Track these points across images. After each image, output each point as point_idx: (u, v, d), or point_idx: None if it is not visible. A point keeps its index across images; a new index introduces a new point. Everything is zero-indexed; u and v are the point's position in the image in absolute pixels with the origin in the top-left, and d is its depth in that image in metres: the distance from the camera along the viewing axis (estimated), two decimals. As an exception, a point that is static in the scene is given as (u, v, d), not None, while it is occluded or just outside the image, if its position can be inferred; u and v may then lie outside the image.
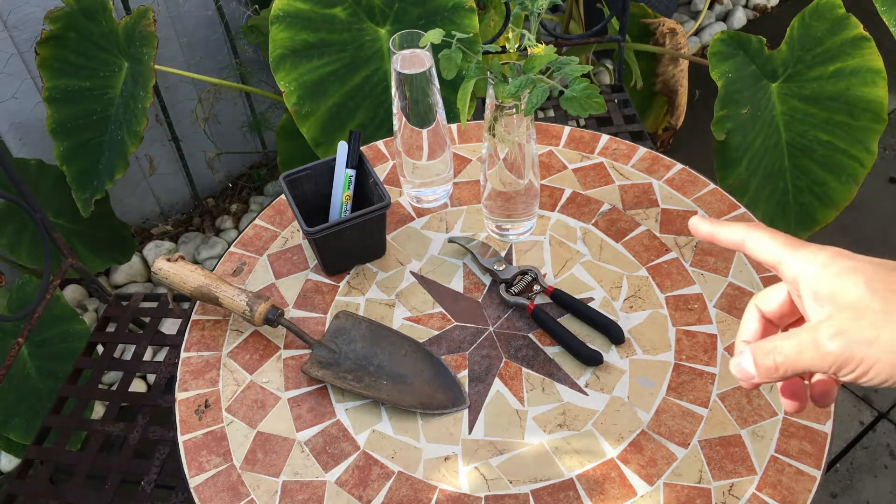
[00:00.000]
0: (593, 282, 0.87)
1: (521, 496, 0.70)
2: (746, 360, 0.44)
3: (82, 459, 1.06)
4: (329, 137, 1.34)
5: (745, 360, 0.44)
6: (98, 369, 1.18)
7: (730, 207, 0.93)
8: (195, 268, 0.86)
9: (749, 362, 0.44)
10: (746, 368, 0.44)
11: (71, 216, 1.61)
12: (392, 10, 1.34)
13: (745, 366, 0.44)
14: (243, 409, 0.79)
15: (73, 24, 1.47)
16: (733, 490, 0.69)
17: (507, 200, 0.87)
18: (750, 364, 0.44)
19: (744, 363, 0.44)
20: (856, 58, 1.37)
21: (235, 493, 0.72)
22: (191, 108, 1.87)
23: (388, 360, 0.81)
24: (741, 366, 0.44)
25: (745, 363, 0.44)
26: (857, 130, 1.39)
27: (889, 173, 2.06)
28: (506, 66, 0.77)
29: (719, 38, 1.44)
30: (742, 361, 0.44)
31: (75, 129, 1.49)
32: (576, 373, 0.79)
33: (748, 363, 0.44)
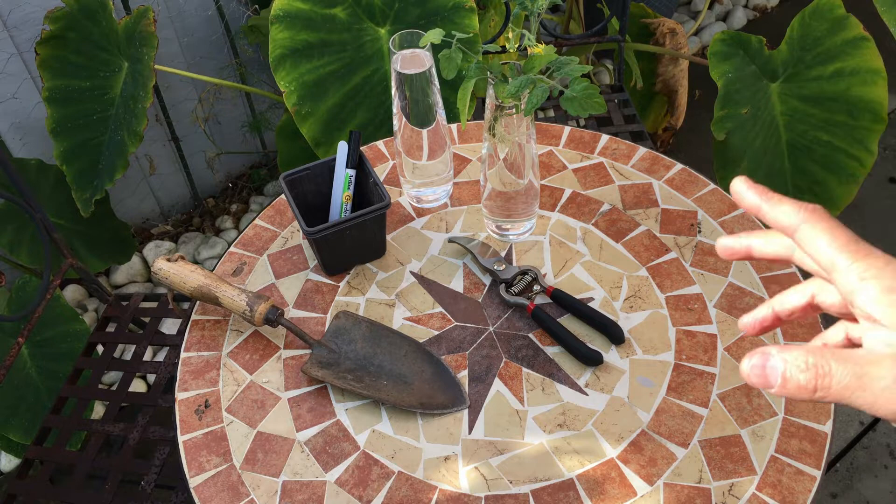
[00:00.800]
0: (593, 282, 0.87)
1: (521, 496, 0.70)
2: (775, 365, 0.36)
3: (82, 459, 1.06)
4: (329, 137, 1.34)
5: (774, 363, 0.36)
6: (98, 369, 1.18)
7: (730, 207, 0.93)
8: (195, 268, 0.86)
9: (776, 371, 0.36)
10: (770, 377, 0.36)
11: (71, 216, 1.61)
12: (392, 10, 1.34)
13: (769, 373, 0.36)
14: (243, 409, 0.79)
15: (73, 24, 1.47)
16: (733, 490, 0.69)
17: (507, 200, 0.87)
18: (777, 374, 0.36)
19: (771, 368, 0.36)
20: (856, 58, 1.37)
21: (235, 493, 0.72)
22: (191, 108, 1.87)
23: (388, 360, 0.81)
24: (765, 370, 0.36)
25: (773, 370, 0.36)
26: (857, 130, 1.39)
27: (889, 173, 2.06)
28: (506, 66, 0.77)
29: (719, 38, 1.44)
30: (769, 364, 0.36)
31: (75, 129, 1.49)
32: (576, 373, 0.79)
33: (775, 372, 0.36)
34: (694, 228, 0.92)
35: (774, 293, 0.84)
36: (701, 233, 0.91)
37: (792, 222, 0.40)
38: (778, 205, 0.41)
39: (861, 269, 0.36)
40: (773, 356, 0.36)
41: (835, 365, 0.35)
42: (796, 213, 0.39)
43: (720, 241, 0.45)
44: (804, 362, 0.35)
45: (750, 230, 0.43)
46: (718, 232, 0.91)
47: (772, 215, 0.41)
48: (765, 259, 0.43)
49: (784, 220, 0.40)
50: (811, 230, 0.39)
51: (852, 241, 0.37)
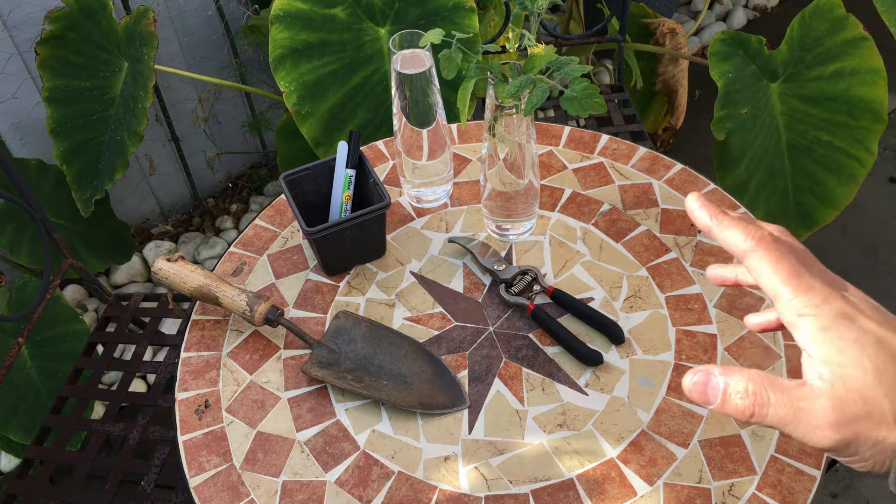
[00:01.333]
0: (593, 282, 0.87)
1: (521, 496, 0.70)
2: (716, 385, 0.38)
3: (82, 459, 1.06)
4: (329, 137, 1.34)
5: (715, 382, 0.38)
6: (98, 369, 1.18)
7: (730, 207, 0.93)
8: (195, 268, 0.86)
9: (717, 390, 0.38)
10: (710, 395, 0.39)
11: (71, 216, 1.61)
12: (392, 10, 1.34)
13: (710, 391, 0.39)
14: (243, 409, 0.79)
15: (73, 24, 1.47)
16: (733, 490, 0.69)
17: (507, 200, 0.87)
18: (717, 392, 0.38)
19: (712, 387, 0.39)
20: (856, 58, 1.37)
21: (235, 493, 0.72)
22: (191, 108, 1.87)
23: (388, 360, 0.81)
24: (707, 388, 0.39)
25: (713, 389, 0.38)
26: (857, 130, 1.39)
27: (889, 173, 2.06)
28: (506, 66, 0.77)
29: (719, 38, 1.44)
30: (711, 383, 0.39)
31: (75, 129, 1.49)
32: (576, 373, 0.79)
33: (715, 391, 0.38)
34: (694, 228, 0.92)
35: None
36: (701, 233, 0.91)
37: (740, 248, 0.41)
38: (727, 228, 0.41)
39: (800, 304, 0.38)
40: (715, 376, 0.38)
41: (773, 396, 0.37)
42: (744, 239, 0.40)
43: (710, 269, 0.46)
44: (745, 388, 0.37)
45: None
46: (718, 232, 0.91)
47: (721, 237, 0.42)
48: (751, 287, 0.44)
49: (732, 245, 0.41)
50: (758, 259, 0.40)
51: (794, 273, 0.38)
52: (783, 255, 0.39)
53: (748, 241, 0.40)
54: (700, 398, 0.39)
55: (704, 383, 0.39)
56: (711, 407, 0.39)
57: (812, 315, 0.38)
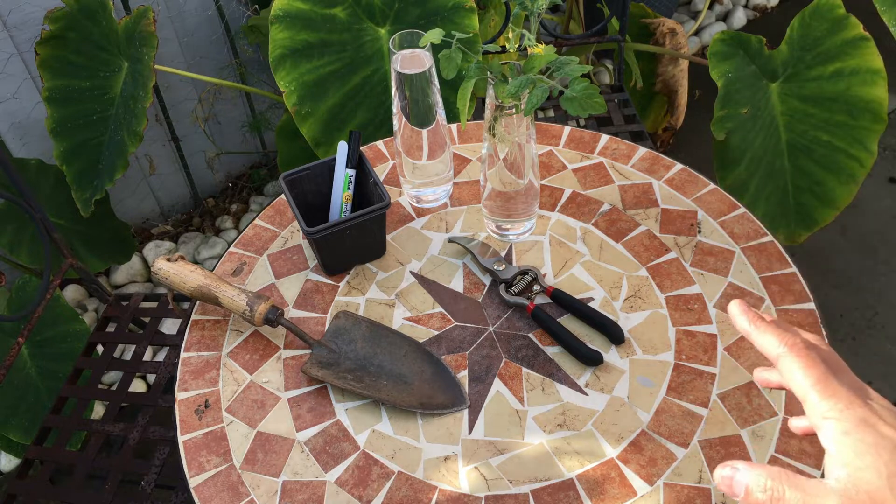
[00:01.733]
0: (593, 282, 0.87)
1: (521, 496, 0.70)
2: (740, 480, 0.42)
3: (82, 459, 1.06)
4: (329, 137, 1.34)
5: (739, 477, 0.42)
6: (98, 369, 1.18)
7: (730, 207, 0.93)
8: (195, 268, 0.86)
9: (741, 485, 0.42)
10: (735, 488, 0.42)
11: (71, 216, 1.61)
12: (392, 10, 1.34)
13: (735, 485, 0.42)
14: (243, 409, 0.79)
15: (73, 24, 1.47)
16: (733, 490, 0.69)
17: (507, 200, 0.87)
18: (741, 486, 0.42)
19: (737, 482, 0.42)
20: (856, 58, 1.37)
21: (235, 493, 0.72)
22: (191, 108, 1.87)
23: (388, 360, 0.81)
24: (732, 482, 0.43)
25: (738, 483, 0.42)
26: (856, 130, 1.39)
27: (889, 173, 2.06)
28: (506, 66, 0.77)
29: (719, 38, 1.44)
30: (735, 478, 0.42)
31: (75, 129, 1.49)
32: (576, 373, 0.79)
33: (739, 486, 0.42)
34: (694, 228, 0.92)
35: (774, 293, 0.84)
36: (701, 233, 0.91)
37: (773, 353, 0.45)
38: (763, 334, 0.46)
39: (825, 408, 0.42)
40: (740, 471, 0.42)
41: (788, 492, 0.41)
42: (777, 345, 0.45)
43: (757, 372, 0.51)
44: (763, 484, 0.41)
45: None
46: (718, 232, 0.91)
47: (758, 342, 0.47)
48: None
49: (768, 348, 0.46)
50: (790, 363, 0.44)
51: (822, 379, 0.43)
52: (813, 361, 0.43)
53: (782, 347, 0.45)
54: (727, 490, 0.43)
55: (730, 478, 0.43)
56: (737, 499, 0.43)
57: (835, 419, 0.41)
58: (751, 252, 0.88)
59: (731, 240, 0.90)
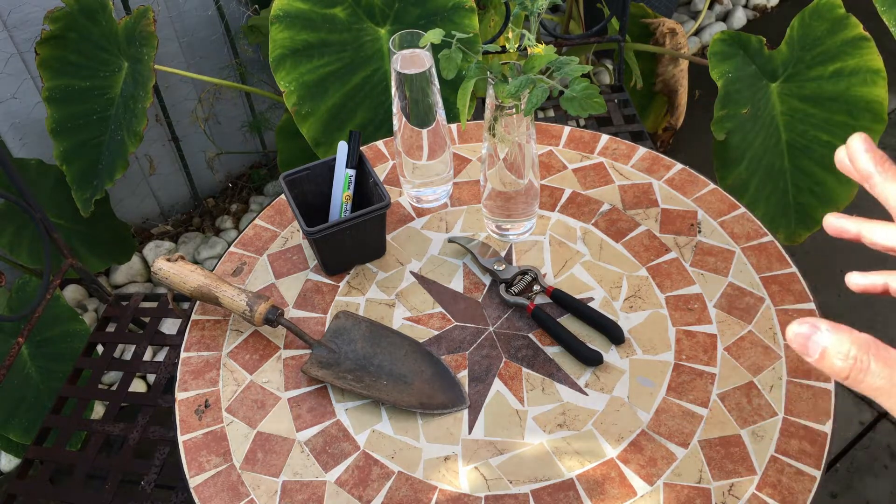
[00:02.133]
0: (593, 282, 0.87)
1: (521, 496, 0.70)
2: (818, 340, 0.35)
3: (82, 459, 1.06)
4: (329, 137, 1.34)
5: (819, 337, 0.35)
6: (98, 369, 1.18)
7: (730, 207, 0.93)
8: (195, 268, 0.86)
9: (818, 345, 0.35)
10: (811, 348, 0.35)
11: (71, 216, 1.61)
12: (392, 10, 1.34)
13: (811, 345, 0.35)
14: (243, 409, 0.79)
15: (73, 24, 1.47)
16: (733, 490, 0.69)
17: (507, 200, 0.87)
18: (818, 347, 0.35)
19: (814, 341, 0.35)
20: (856, 58, 1.37)
21: (235, 493, 0.72)
22: (191, 108, 1.87)
23: (388, 360, 0.81)
24: (809, 341, 0.35)
25: (815, 343, 0.35)
26: (856, 130, 1.39)
27: (889, 173, 2.05)
28: (506, 66, 0.77)
29: (719, 38, 1.44)
30: (814, 337, 0.35)
31: (75, 129, 1.49)
32: (576, 373, 0.79)
33: (816, 346, 0.35)
34: (694, 228, 0.92)
35: (774, 293, 0.84)
36: (701, 233, 0.91)
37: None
38: (893, 180, 0.38)
39: None
40: (821, 332, 0.35)
41: (874, 365, 0.34)
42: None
43: (830, 217, 0.42)
44: (846, 351, 0.35)
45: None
46: (718, 232, 0.91)
47: (881, 189, 0.38)
48: (876, 247, 0.41)
49: (891, 198, 0.37)
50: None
51: None
52: None
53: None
54: (800, 349, 0.36)
55: (807, 336, 0.36)
56: (810, 360, 0.36)
57: None
58: (751, 252, 0.88)
59: (731, 240, 0.90)
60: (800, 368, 0.77)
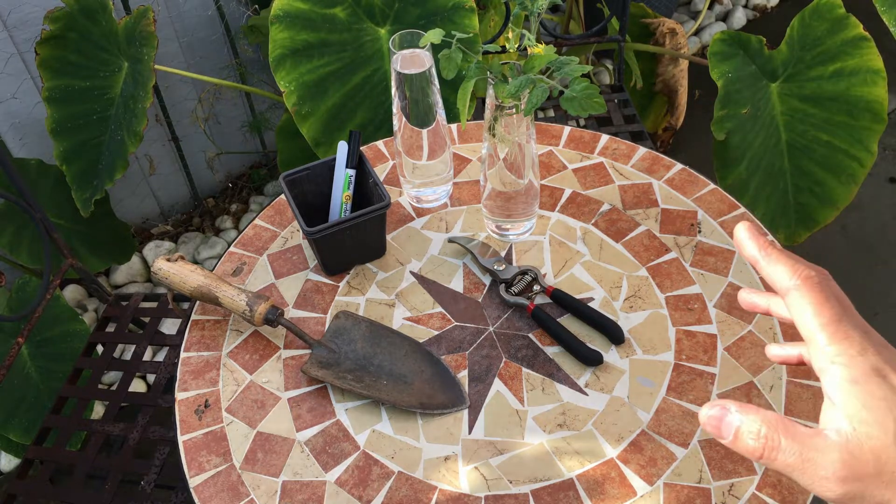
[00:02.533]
0: (593, 282, 0.87)
1: (521, 496, 0.70)
2: (731, 421, 0.38)
3: (82, 459, 1.06)
4: (329, 137, 1.34)
5: (730, 419, 0.38)
6: (98, 369, 1.18)
7: (730, 207, 0.93)
8: (195, 268, 0.86)
9: (731, 426, 0.38)
10: (723, 430, 0.38)
11: (71, 216, 1.61)
12: (392, 10, 1.34)
13: (724, 427, 0.38)
14: (243, 409, 0.79)
15: (73, 24, 1.47)
16: (733, 490, 0.69)
17: (507, 200, 0.87)
18: (731, 429, 0.38)
19: (726, 423, 0.38)
20: (856, 58, 1.37)
21: (235, 493, 0.72)
22: (191, 108, 1.87)
23: (388, 360, 0.81)
24: (721, 423, 0.38)
25: (728, 425, 0.38)
26: (856, 130, 1.39)
27: (889, 173, 2.06)
28: (506, 66, 0.77)
29: (719, 38, 1.44)
30: (726, 419, 0.38)
31: (75, 129, 1.49)
32: (576, 373, 0.79)
33: (729, 427, 0.38)
34: (694, 228, 0.92)
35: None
36: (701, 233, 0.91)
37: (784, 285, 0.40)
38: (775, 263, 0.41)
39: (833, 352, 0.37)
40: (731, 413, 0.38)
41: (784, 442, 0.36)
42: (790, 277, 0.40)
43: (743, 293, 0.47)
44: (757, 431, 0.37)
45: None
46: (718, 232, 0.91)
47: (767, 271, 0.41)
48: (783, 321, 0.45)
49: (778, 280, 0.41)
50: (800, 299, 0.39)
51: (834, 319, 0.38)
52: (827, 299, 0.39)
53: (794, 280, 0.40)
54: (714, 432, 0.39)
55: (719, 418, 0.39)
56: (724, 442, 0.39)
57: (844, 365, 0.37)
58: (751, 252, 0.88)
59: (731, 240, 0.90)
60: (800, 369, 0.77)
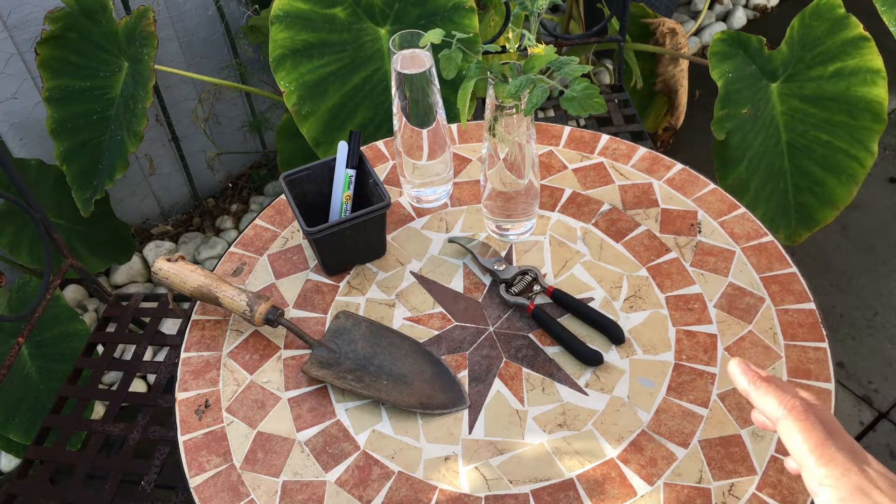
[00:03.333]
0: (593, 282, 0.87)
1: (521, 496, 0.70)
2: None
3: (82, 459, 1.06)
4: (329, 137, 1.34)
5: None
6: (98, 369, 1.18)
7: (730, 207, 0.93)
8: (195, 268, 0.86)
9: None
10: None
11: (71, 216, 1.61)
12: (392, 10, 1.34)
13: None
14: (243, 409, 0.79)
15: (73, 24, 1.47)
16: (733, 490, 0.69)
17: (507, 200, 0.87)
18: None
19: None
20: (856, 58, 1.37)
21: (235, 493, 0.72)
22: (191, 108, 1.87)
23: (388, 360, 0.81)
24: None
25: None
26: (856, 130, 1.39)
27: (889, 173, 2.06)
28: (506, 66, 0.77)
29: (719, 38, 1.44)
30: None
31: (75, 129, 1.49)
32: (576, 373, 0.79)
33: None
34: (694, 228, 0.92)
35: (774, 293, 0.84)
36: (701, 233, 0.91)
37: (774, 415, 0.46)
38: (764, 395, 0.47)
39: (822, 475, 0.43)
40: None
41: None
42: (777, 407, 0.46)
43: (755, 414, 0.51)
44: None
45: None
46: (718, 232, 0.91)
47: (758, 403, 0.48)
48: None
49: (767, 410, 0.47)
50: (789, 427, 0.45)
51: (820, 444, 0.43)
52: (812, 425, 0.44)
53: (781, 409, 0.46)
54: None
55: None
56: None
57: (832, 486, 0.42)
58: (751, 252, 0.88)
59: (731, 240, 0.90)
60: (800, 368, 0.77)
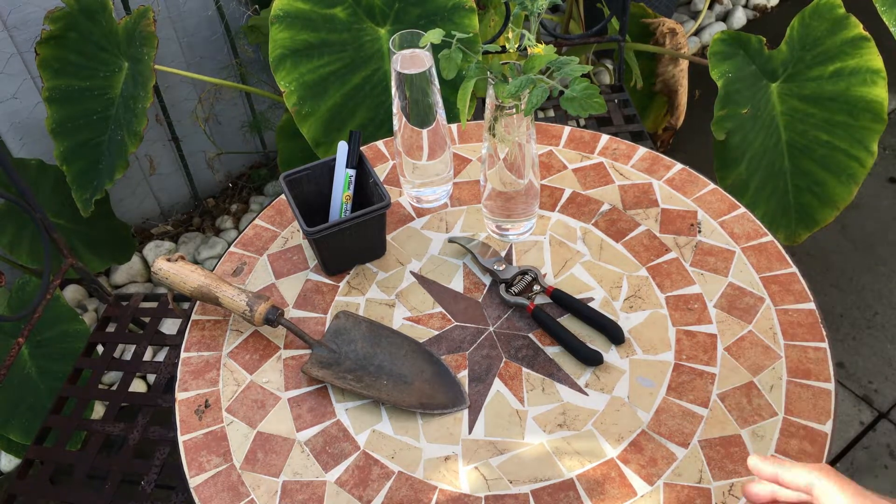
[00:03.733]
0: (593, 282, 0.87)
1: (521, 496, 0.70)
2: None
3: (82, 459, 1.06)
4: (329, 137, 1.34)
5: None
6: (98, 369, 1.18)
7: (730, 207, 0.93)
8: (195, 268, 0.86)
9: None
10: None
11: (71, 216, 1.61)
12: (392, 10, 1.34)
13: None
14: (243, 409, 0.79)
15: (73, 24, 1.47)
16: (733, 490, 0.69)
17: (507, 200, 0.87)
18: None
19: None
20: (856, 58, 1.37)
21: (235, 493, 0.72)
22: (191, 108, 1.87)
23: (388, 360, 0.81)
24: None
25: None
26: (856, 130, 1.39)
27: (889, 173, 2.06)
28: (506, 66, 0.77)
29: (719, 38, 1.44)
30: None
31: (75, 129, 1.49)
32: (576, 373, 0.79)
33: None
34: (694, 228, 0.92)
35: (774, 293, 0.84)
36: (701, 233, 0.91)
37: (806, 482, 0.50)
38: (791, 469, 0.51)
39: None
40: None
41: None
42: (808, 473, 0.50)
43: (749, 487, 0.54)
44: None
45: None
46: (718, 232, 0.91)
47: (788, 478, 0.51)
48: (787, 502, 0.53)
49: (799, 481, 0.50)
50: (825, 486, 0.49)
51: (859, 492, 0.48)
52: (845, 480, 0.49)
53: (813, 474, 0.50)
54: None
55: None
56: None
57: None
58: (751, 252, 0.88)
59: (731, 240, 0.90)
60: (800, 368, 0.77)
